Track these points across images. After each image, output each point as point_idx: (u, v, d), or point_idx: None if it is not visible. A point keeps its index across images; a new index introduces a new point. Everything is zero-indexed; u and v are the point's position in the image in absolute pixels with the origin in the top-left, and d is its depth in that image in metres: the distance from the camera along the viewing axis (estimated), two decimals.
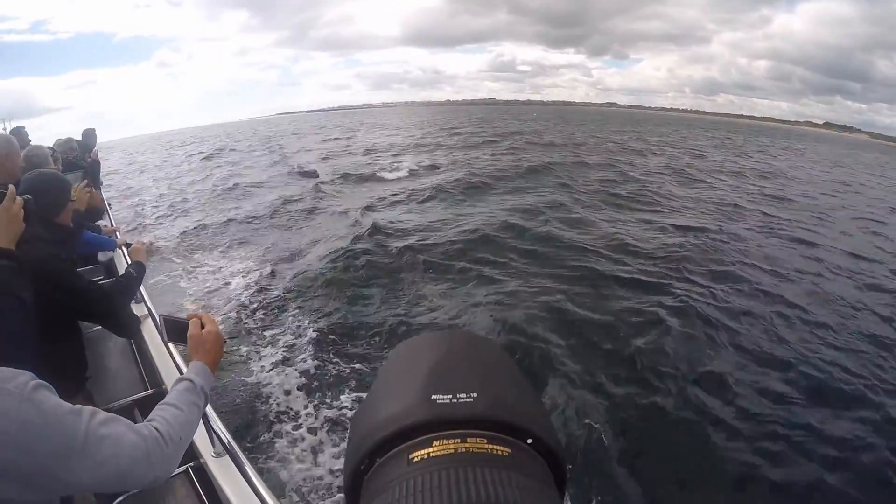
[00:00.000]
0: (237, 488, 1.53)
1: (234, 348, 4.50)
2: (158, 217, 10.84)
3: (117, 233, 3.54)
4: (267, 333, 4.91)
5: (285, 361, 4.37)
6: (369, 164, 17.53)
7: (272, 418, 3.60)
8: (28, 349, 1.18)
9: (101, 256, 3.07)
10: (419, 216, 9.51)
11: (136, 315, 2.25)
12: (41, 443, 0.62)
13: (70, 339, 1.67)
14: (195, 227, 9.46)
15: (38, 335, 1.23)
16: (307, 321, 5.14)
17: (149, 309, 2.56)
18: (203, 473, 1.71)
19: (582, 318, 5.17)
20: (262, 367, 4.27)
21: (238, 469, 1.56)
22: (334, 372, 4.21)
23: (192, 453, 1.77)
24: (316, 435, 3.43)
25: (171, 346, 2.10)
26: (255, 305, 5.56)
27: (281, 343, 4.70)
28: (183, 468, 1.76)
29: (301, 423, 3.55)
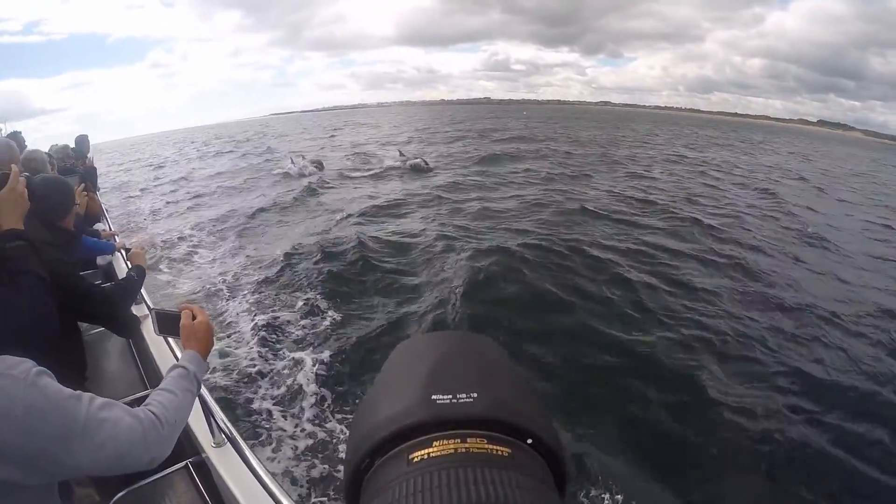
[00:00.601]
0: (239, 477, 1.54)
1: (227, 337, 4.56)
2: (147, 215, 10.98)
3: (115, 237, 3.56)
4: (258, 321, 4.95)
5: (279, 348, 4.43)
6: (341, 159, 18.93)
7: (271, 405, 3.63)
8: (52, 325, 1.22)
9: (100, 260, 3.06)
10: (361, 195, 11.44)
11: (136, 316, 2.29)
12: (45, 426, 0.65)
13: (70, 340, 1.72)
14: (180, 224, 9.63)
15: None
16: (294, 308, 5.23)
17: (149, 309, 2.60)
18: (202, 468, 1.73)
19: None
20: (256, 354, 4.31)
21: (240, 457, 1.57)
22: (334, 357, 4.29)
23: (192, 448, 1.78)
24: (317, 420, 3.48)
25: (172, 345, 2.13)
26: (243, 295, 5.62)
27: (273, 330, 4.76)
28: (182, 464, 1.76)
29: (302, 409, 3.60)
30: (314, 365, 4.17)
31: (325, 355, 4.31)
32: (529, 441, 0.25)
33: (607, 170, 15.91)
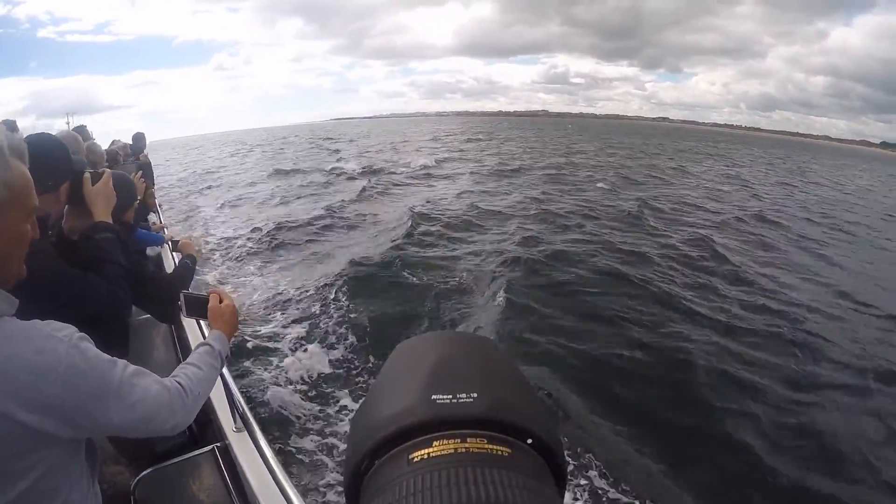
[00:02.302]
0: (253, 465, 1.57)
1: (255, 330, 4.71)
2: (192, 215, 11.16)
3: (165, 229, 3.79)
4: (286, 319, 5.06)
5: (304, 344, 4.50)
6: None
7: (291, 400, 3.68)
8: (127, 312, 1.33)
9: (150, 251, 3.25)
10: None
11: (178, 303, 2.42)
12: (84, 383, 0.71)
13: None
14: (231, 229, 9.78)
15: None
16: (330, 310, 5.29)
17: (181, 293, 2.69)
18: (227, 453, 1.78)
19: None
20: (284, 349, 4.42)
21: (254, 445, 1.61)
22: (355, 359, 4.34)
23: (219, 433, 1.84)
24: (330, 417, 3.52)
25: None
26: (275, 292, 5.78)
27: (300, 329, 4.83)
28: (209, 448, 1.82)
29: (322, 406, 3.65)
30: (344, 353, 4.28)
31: (354, 346, 4.42)
32: (529, 441, 0.26)
33: (586, 178, 16.09)
